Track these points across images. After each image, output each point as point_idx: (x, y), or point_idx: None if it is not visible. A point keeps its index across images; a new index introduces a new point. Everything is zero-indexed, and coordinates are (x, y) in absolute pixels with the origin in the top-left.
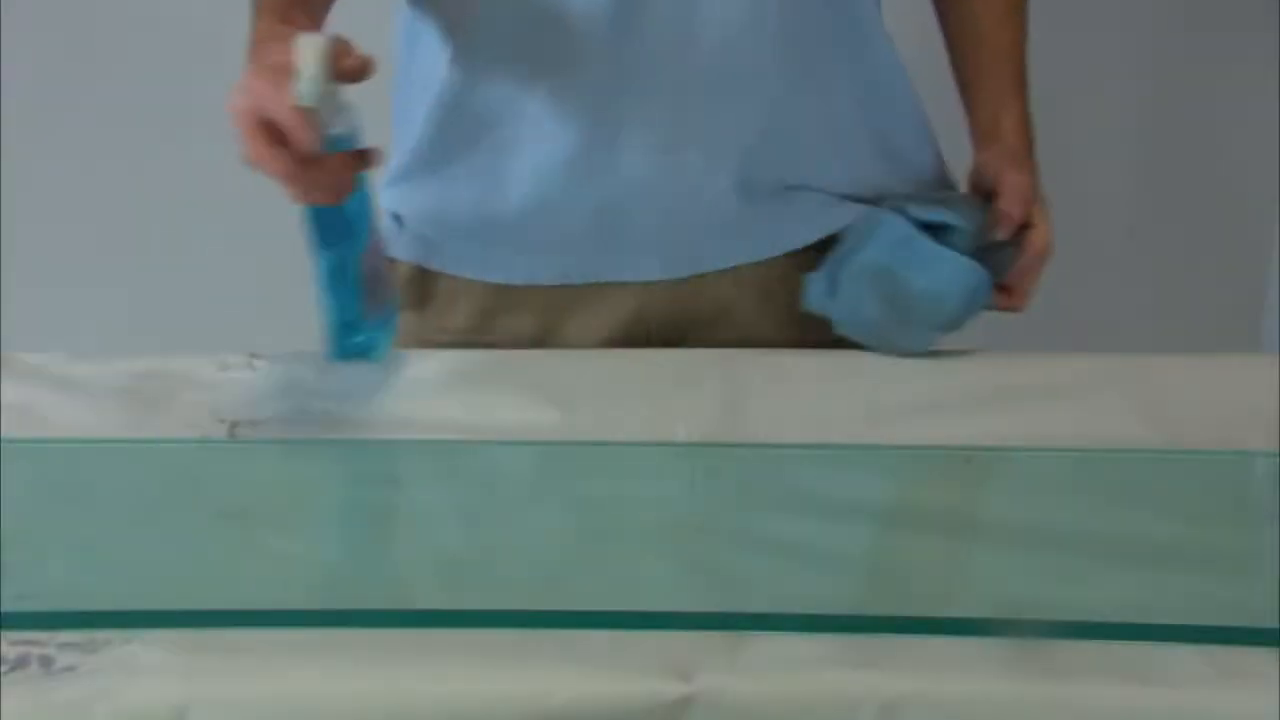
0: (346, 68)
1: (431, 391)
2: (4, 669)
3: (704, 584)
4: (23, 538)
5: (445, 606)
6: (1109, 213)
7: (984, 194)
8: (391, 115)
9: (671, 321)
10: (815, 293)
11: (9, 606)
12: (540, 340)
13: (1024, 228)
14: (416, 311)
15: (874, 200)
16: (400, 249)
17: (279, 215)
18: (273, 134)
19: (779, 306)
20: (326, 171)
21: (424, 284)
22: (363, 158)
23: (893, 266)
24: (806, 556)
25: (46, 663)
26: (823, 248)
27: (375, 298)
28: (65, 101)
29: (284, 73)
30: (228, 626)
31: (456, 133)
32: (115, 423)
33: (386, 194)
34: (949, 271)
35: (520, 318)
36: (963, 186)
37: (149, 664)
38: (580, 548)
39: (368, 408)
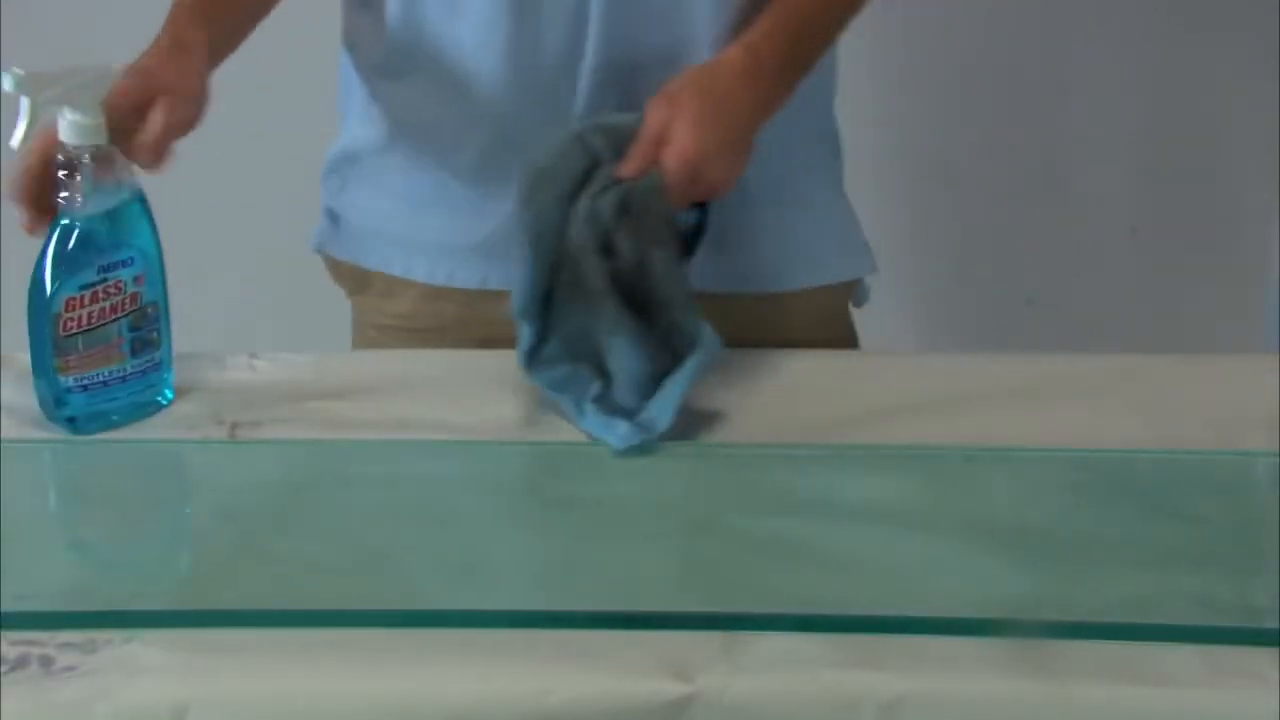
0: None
1: (431, 391)
2: (4, 669)
3: (704, 584)
4: (23, 538)
5: (445, 606)
6: (1110, 213)
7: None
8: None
9: None
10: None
11: (9, 606)
12: (470, 326)
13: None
14: (360, 296)
15: None
16: (336, 246)
17: (279, 215)
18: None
19: None
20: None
21: (361, 274)
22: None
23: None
24: (806, 556)
25: (46, 663)
26: None
27: (85, 362)
28: None
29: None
30: (228, 626)
31: (379, 132)
32: None
33: (325, 183)
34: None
35: (453, 306)
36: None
37: (149, 664)
38: (580, 548)
39: (368, 408)
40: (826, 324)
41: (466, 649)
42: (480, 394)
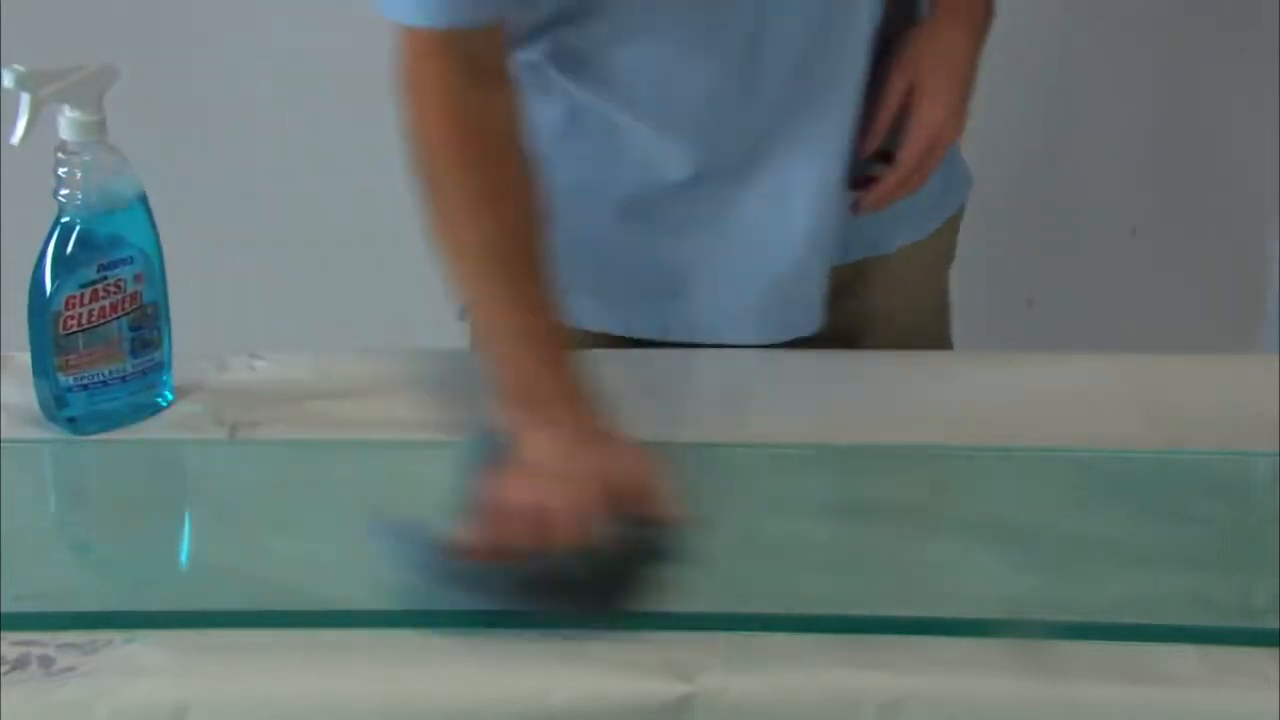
0: None
1: (431, 391)
2: (4, 669)
3: (704, 584)
4: (23, 538)
5: (445, 607)
6: (1111, 213)
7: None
8: None
9: None
10: None
11: (9, 606)
12: None
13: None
14: None
15: None
16: None
17: (279, 216)
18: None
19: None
20: None
21: None
22: None
23: None
24: (806, 556)
25: (46, 663)
26: None
27: (86, 362)
28: None
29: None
30: (228, 626)
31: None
32: None
33: None
34: None
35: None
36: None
37: (149, 664)
38: None
39: (367, 408)
40: (939, 270)
41: (466, 649)
42: (480, 394)
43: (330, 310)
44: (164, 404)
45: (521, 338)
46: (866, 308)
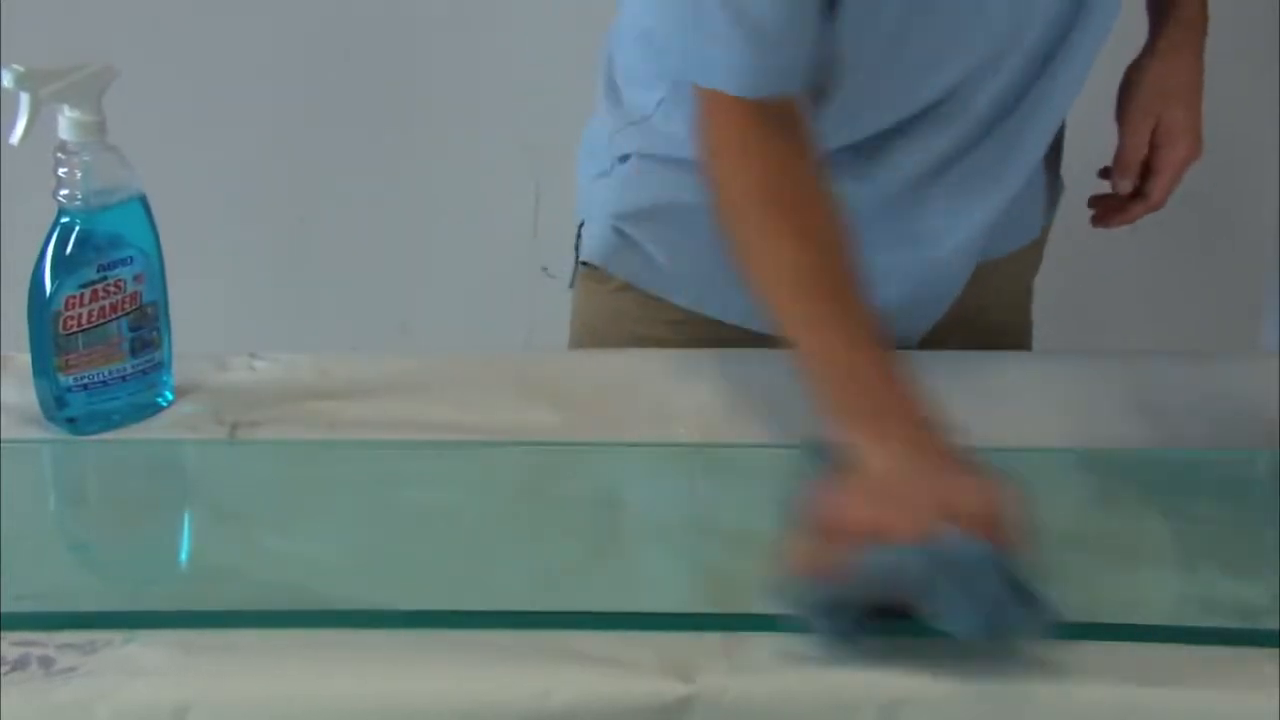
0: None
1: (431, 391)
2: (4, 669)
3: (704, 584)
4: (23, 538)
5: (445, 606)
6: None
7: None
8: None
9: None
10: None
11: (9, 606)
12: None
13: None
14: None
15: None
16: (638, 277)
17: (279, 216)
18: None
19: None
20: None
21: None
22: None
23: None
24: None
25: (46, 663)
26: None
27: (89, 360)
28: None
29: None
30: (228, 626)
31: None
32: None
33: (630, 220)
34: None
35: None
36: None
37: (149, 664)
38: (580, 548)
39: (367, 408)
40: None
41: (466, 649)
42: (481, 394)
43: (330, 310)
44: (164, 404)
45: (856, 356)
46: (965, 306)
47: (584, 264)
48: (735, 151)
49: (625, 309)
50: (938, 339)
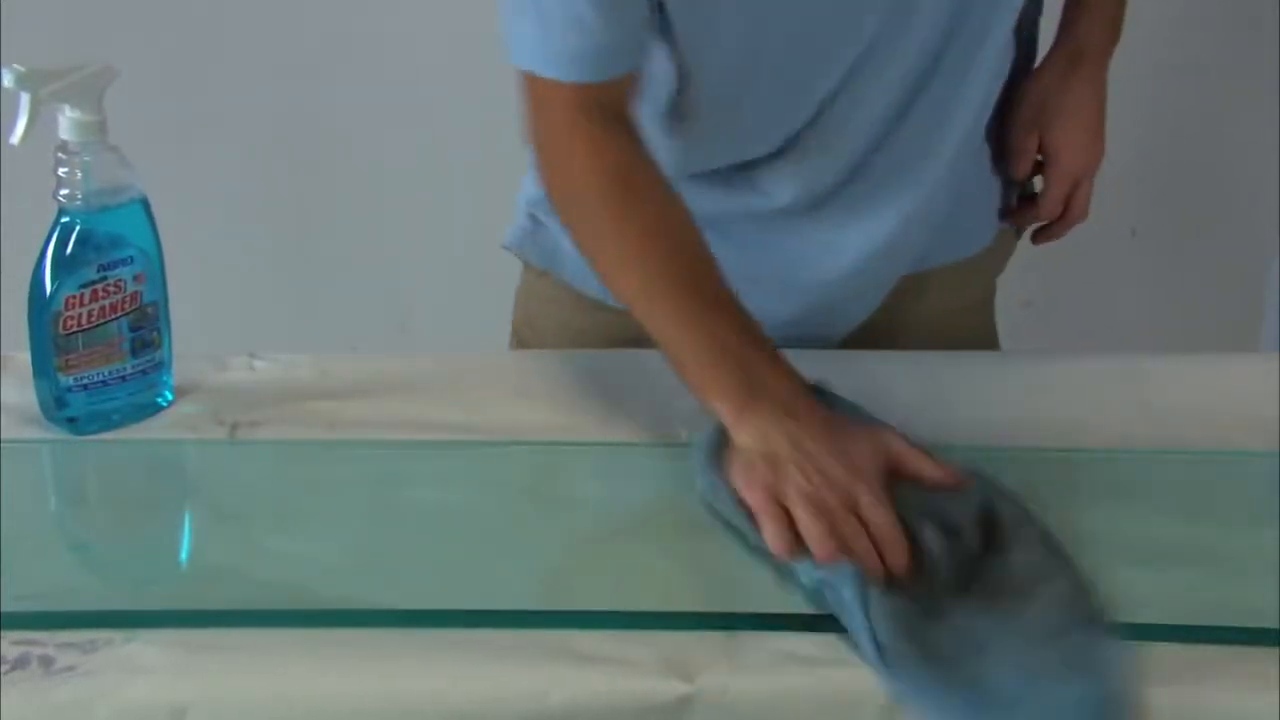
0: None
1: (431, 391)
2: (4, 669)
3: (704, 584)
4: (23, 538)
5: (445, 606)
6: (1111, 213)
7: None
8: None
9: None
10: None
11: (9, 606)
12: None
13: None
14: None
15: None
16: (555, 265)
17: (279, 216)
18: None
19: None
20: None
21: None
22: None
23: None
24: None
25: (46, 663)
26: None
27: (88, 361)
28: None
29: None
30: (228, 626)
31: None
32: None
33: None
34: None
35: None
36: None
37: (149, 664)
38: (580, 548)
39: (367, 408)
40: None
41: (466, 649)
42: (480, 394)
43: (330, 310)
44: (164, 404)
45: (723, 335)
46: (921, 307)
47: (506, 249)
48: (564, 139)
49: (553, 296)
50: (877, 343)
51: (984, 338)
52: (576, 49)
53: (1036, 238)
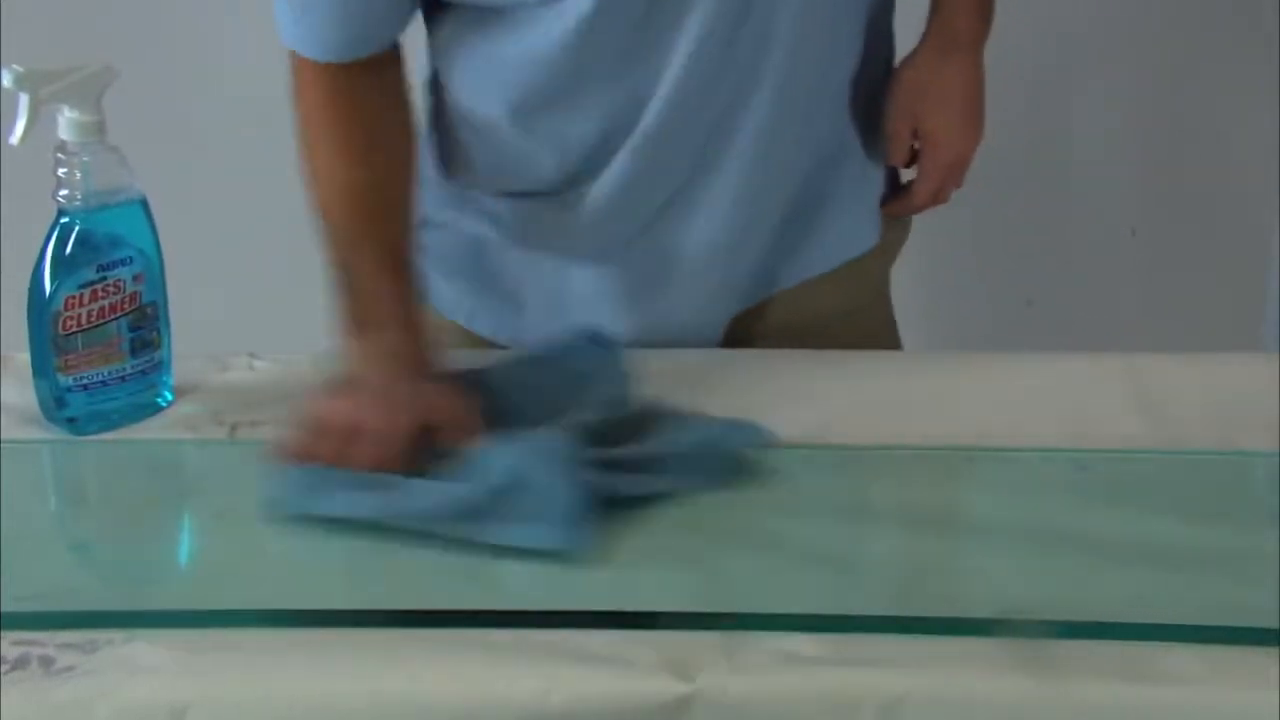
0: None
1: None
2: (4, 669)
3: (704, 584)
4: (23, 538)
5: (445, 606)
6: (1111, 213)
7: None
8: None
9: None
10: None
11: (9, 606)
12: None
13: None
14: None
15: None
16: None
17: (279, 216)
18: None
19: None
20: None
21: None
22: None
23: None
24: (806, 556)
25: (46, 663)
26: None
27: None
28: None
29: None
30: (228, 626)
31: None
32: None
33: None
34: None
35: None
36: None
37: (149, 664)
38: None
39: None
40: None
41: (466, 649)
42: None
43: (330, 310)
44: (164, 404)
45: (370, 270)
46: (808, 315)
47: None
48: (309, 84)
49: (435, 323)
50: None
51: (883, 338)
52: (323, 25)
53: (888, 206)
